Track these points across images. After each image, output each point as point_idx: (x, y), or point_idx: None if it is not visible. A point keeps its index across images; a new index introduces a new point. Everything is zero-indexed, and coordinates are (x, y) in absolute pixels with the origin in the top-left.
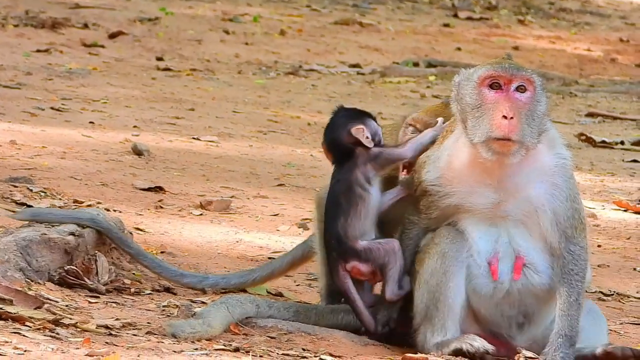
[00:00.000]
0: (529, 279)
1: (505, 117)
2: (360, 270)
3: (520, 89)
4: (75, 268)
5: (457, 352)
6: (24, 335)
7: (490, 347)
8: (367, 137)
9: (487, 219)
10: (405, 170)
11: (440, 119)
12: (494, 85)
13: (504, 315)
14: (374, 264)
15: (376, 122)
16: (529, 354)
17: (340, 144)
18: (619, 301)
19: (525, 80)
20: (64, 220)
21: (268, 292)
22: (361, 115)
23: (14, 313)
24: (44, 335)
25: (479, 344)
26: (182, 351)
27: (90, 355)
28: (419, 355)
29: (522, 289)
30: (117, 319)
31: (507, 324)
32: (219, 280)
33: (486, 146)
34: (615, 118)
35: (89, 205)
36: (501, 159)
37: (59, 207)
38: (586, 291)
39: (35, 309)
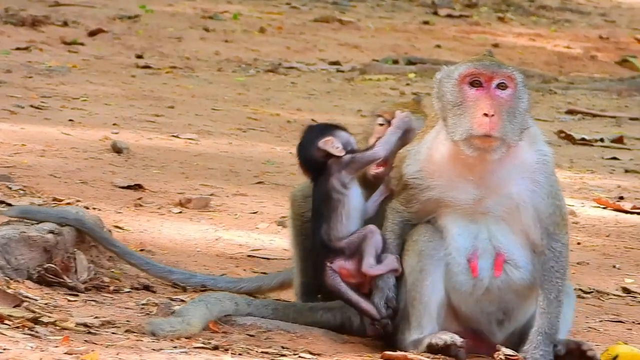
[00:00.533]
0: (509, 276)
1: (486, 114)
2: (347, 269)
3: (501, 86)
4: (54, 266)
5: (430, 348)
6: (2, 334)
7: (459, 340)
8: (337, 147)
9: (468, 214)
10: (379, 167)
11: (398, 112)
12: (475, 83)
13: (483, 312)
14: (356, 253)
15: (346, 131)
16: (509, 351)
17: (312, 160)
18: (599, 299)
19: (506, 77)
20: (50, 219)
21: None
22: (328, 128)
23: None
24: (23, 334)
25: (447, 337)
26: (161, 349)
27: (69, 354)
28: (398, 353)
29: (502, 285)
30: (96, 317)
31: (487, 321)
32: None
33: (467, 143)
34: (594, 115)
35: (69, 203)
36: (482, 155)
37: (39, 205)
38: None
39: (14, 307)
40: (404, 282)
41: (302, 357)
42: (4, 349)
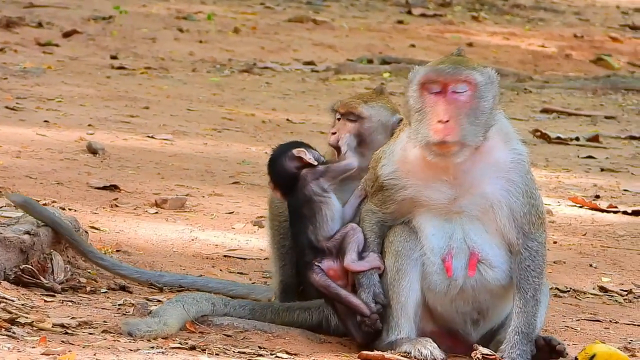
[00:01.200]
0: (483, 275)
1: (441, 121)
2: (334, 269)
3: (460, 89)
4: (31, 267)
5: (407, 355)
6: None
7: (440, 355)
8: (310, 157)
9: (443, 214)
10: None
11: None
12: (433, 88)
13: (459, 312)
14: (340, 251)
15: (312, 148)
16: (486, 350)
17: (285, 171)
18: (575, 297)
19: (462, 81)
20: (44, 220)
21: None
22: (298, 143)
23: None
24: (0, 335)
25: (428, 351)
26: (138, 350)
27: (46, 354)
28: (375, 352)
29: (477, 285)
30: (73, 318)
31: (462, 321)
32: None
33: (427, 149)
34: (570, 114)
35: (45, 204)
36: (444, 160)
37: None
38: None
39: None
40: (382, 282)
41: (279, 357)
42: None
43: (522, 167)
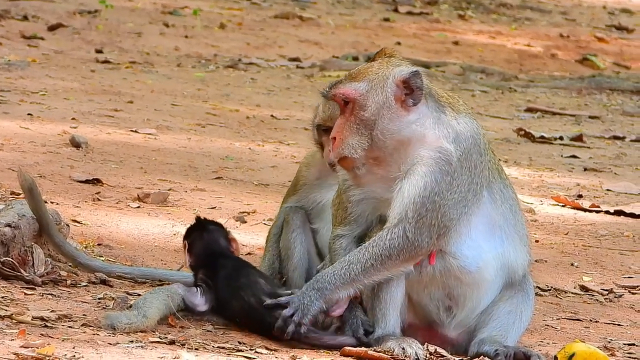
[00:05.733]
0: (447, 264)
1: (334, 138)
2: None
3: (347, 104)
4: (11, 260)
5: (390, 352)
6: None
7: (423, 356)
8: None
9: None
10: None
11: None
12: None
13: (432, 299)
14: None
15: None
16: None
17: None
18: (556, 296)
19: (337, 98)
20: (41, 217)
21: None
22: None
23: None
24: None
25: (412, 350)
26: (117, 343)
27: (25, 347)
28: (358, 349)
29: (443, 271)
30: (52, 311)
31: (436, 308)
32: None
33: (335, 166)
34: (554, 113)
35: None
36: (351, 174)
37: None
38: None
39: None
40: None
41: (258, 353)
42: None
43: (437, 164)
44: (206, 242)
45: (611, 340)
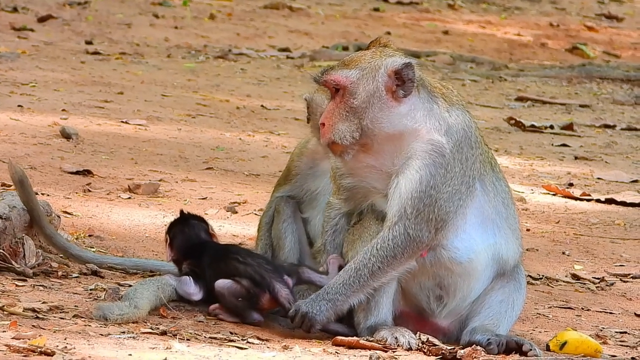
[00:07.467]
0: (437, 255)
1: (323, 124)
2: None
3: (338, 91)
4: (2, 251)
5: (383, 341)
6: None
7: (415, 345)
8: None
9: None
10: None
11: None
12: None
13: (422, 288)
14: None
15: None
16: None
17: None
18: (548, 285)
19: (329, 84)
20: (32, 210)
21: None
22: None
23: None
24: None
25: (405, 340)
26: (109, 334)
27: (16, 339)
28: (349, 338)
29: (434, 261)
30: (44, 302)
31: (426, 297)
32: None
33: (326, 150)
34: (544, 102)
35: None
36: (340, 160)
37: None
38: None
39: None
40: None
41: (250, 343)
42: None
43: (431, 157)
44: (187, 236)
45: (603, 328)
